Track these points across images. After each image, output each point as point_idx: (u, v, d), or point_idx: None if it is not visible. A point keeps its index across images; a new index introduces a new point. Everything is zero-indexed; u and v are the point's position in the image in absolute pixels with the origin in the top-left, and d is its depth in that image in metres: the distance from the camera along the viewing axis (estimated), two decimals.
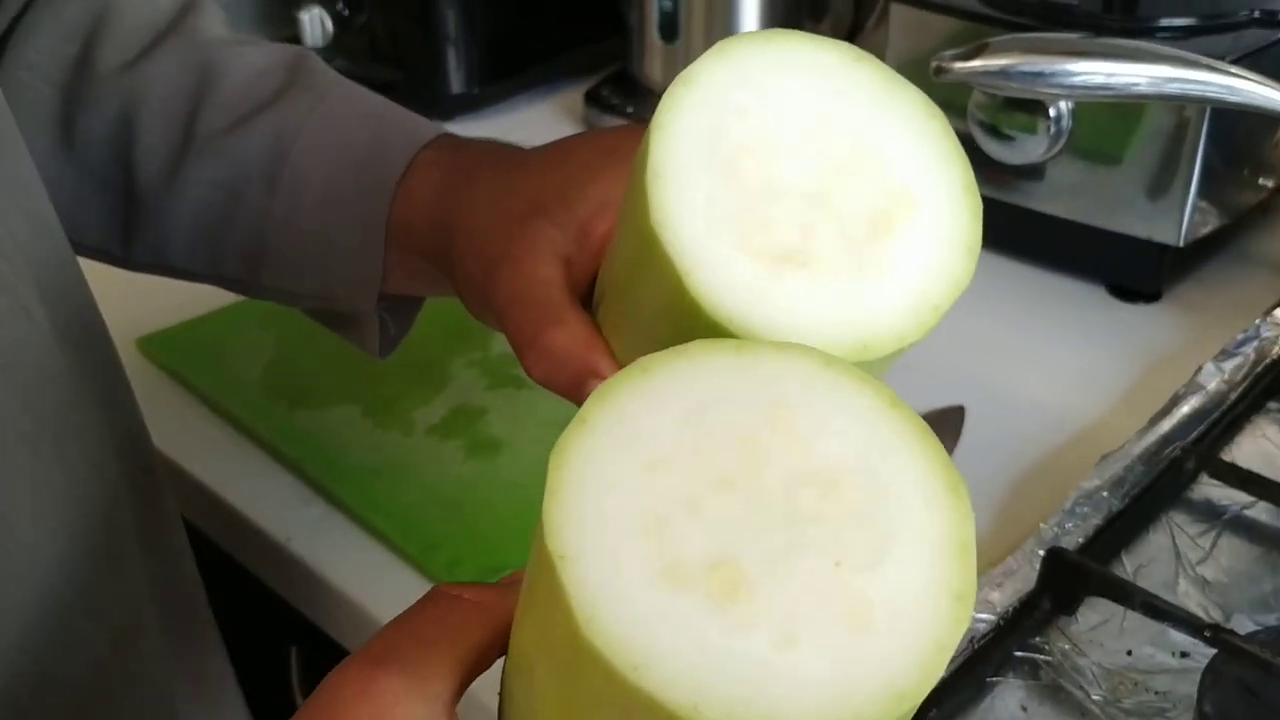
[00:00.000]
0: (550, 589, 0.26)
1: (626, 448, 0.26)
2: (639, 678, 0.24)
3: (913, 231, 0.32)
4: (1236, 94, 0.58)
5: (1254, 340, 0.74)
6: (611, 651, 0.25)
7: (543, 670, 0.29)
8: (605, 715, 0.27)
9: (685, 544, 0.26)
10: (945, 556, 0.26)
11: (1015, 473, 0.67)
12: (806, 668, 0.25)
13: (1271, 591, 0.59)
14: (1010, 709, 0.54)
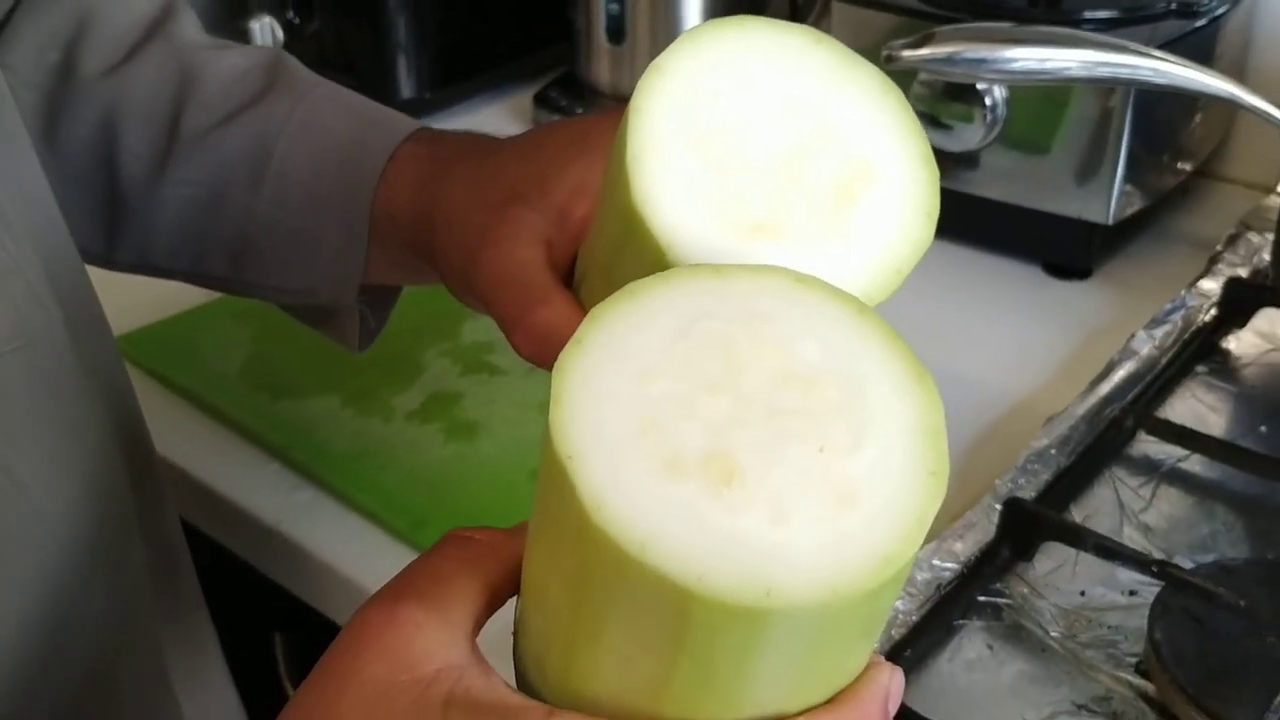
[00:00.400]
0: (560, 494, 0.28)
1: (620, 362, 0.28)
2: (645, 556, 0.26)
3: (875, 199, 0.34)
4: (1161, 75, 0.63)
5: (1181, 309, 0.79)
6: (619, 535, 0.26)
7: (555, 585, 0.31)
8: (616, 608, 0.29)
9: (681, 440, 0.28)
10: (918, 439, 0.28)
11: (969, 438, 0.72)
12: (800, 540, 0.27)
13: (1209, 534, 0.64)
14: (977, 648, 0.58)
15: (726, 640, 0.28)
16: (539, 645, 0.33)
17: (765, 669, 0.29)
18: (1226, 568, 0.59)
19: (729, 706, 0.30)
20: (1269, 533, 0.64)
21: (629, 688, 0.31)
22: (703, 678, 0.29)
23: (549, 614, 0.32)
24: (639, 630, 0.29)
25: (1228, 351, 0.77)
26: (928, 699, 0.55)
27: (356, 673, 0.33)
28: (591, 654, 0.31)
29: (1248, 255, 0.86)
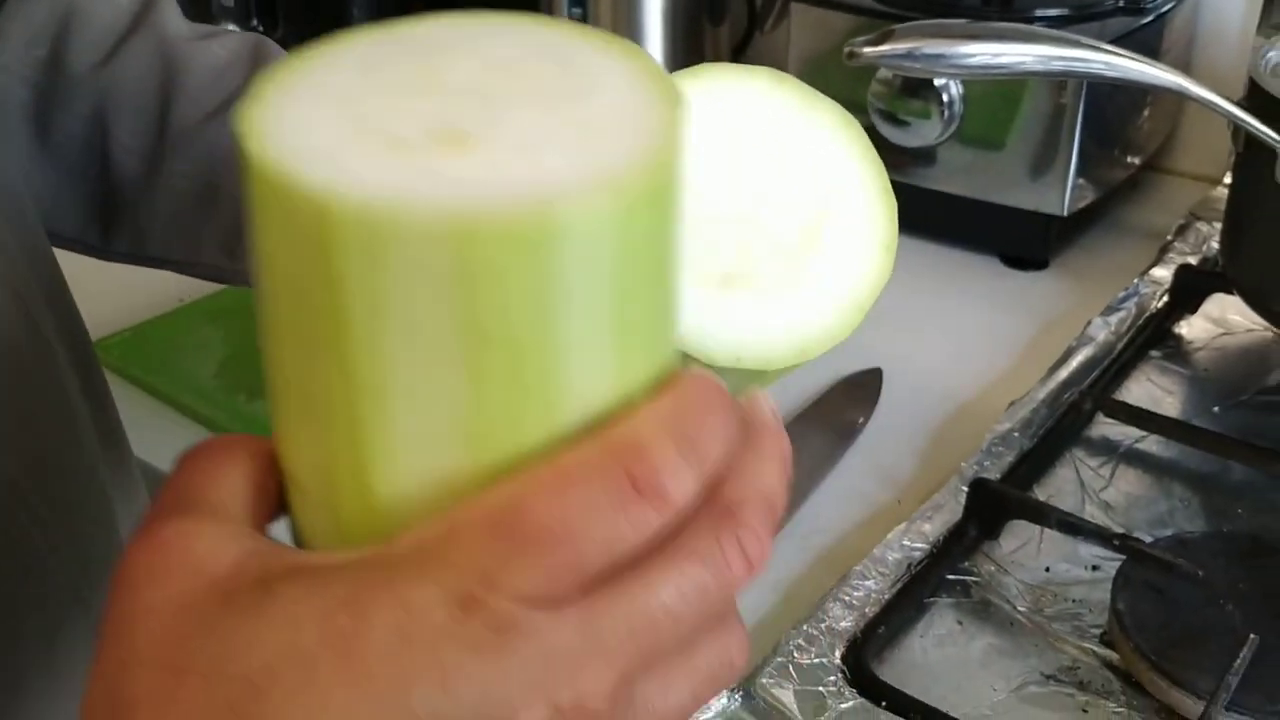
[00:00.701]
0: (287, 235, 0.26)
1: (318, 97, 0.27)
2: (411, 216, 0.24)
3: (837, 238, 0.35)
4: (1112, 69, 0.65)
5: (1134, 297, 0.82)
6: (366, 211, 0.24)
7: (318, 373, 0.27)
8: (394, 323, 0.26)
9: (401, 128, 0.26)
10: (641, 79, 0.28)
11: (933, 424, 0.74)
12: (557, 161, 0.26)
13: (1166, 510, 0.66)
14: (948, 624, 0.60)
15: (516, 289, 0.25)
16: (321, 493, 0.29)
17: (571, 327, 0.26)
18: (1184, 541, 0.61)
19: (550, 407, 0.27)
20: (1223, 508, 0.66)
21: (440, 457, 0.27)
22: (510, 368, 0.26)
23: (322, 425, 0.28)
24: (422, 338, 0.26)
25: (1180, 336, 0.80)
26: (901, 674, 0.56)
27: (143, 606, 0.28)
28: (383, 425, 0.27)
29: (1197, 244, 0.88)
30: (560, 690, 0.26)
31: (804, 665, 0.55)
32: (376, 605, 0.26)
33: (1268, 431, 0.71)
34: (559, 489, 0.26)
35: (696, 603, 0.28)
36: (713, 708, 0.54)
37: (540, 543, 0.26)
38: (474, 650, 0.26)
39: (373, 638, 0.26)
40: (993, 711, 0.55)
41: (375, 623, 0.26)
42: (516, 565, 0.26)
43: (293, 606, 0.26)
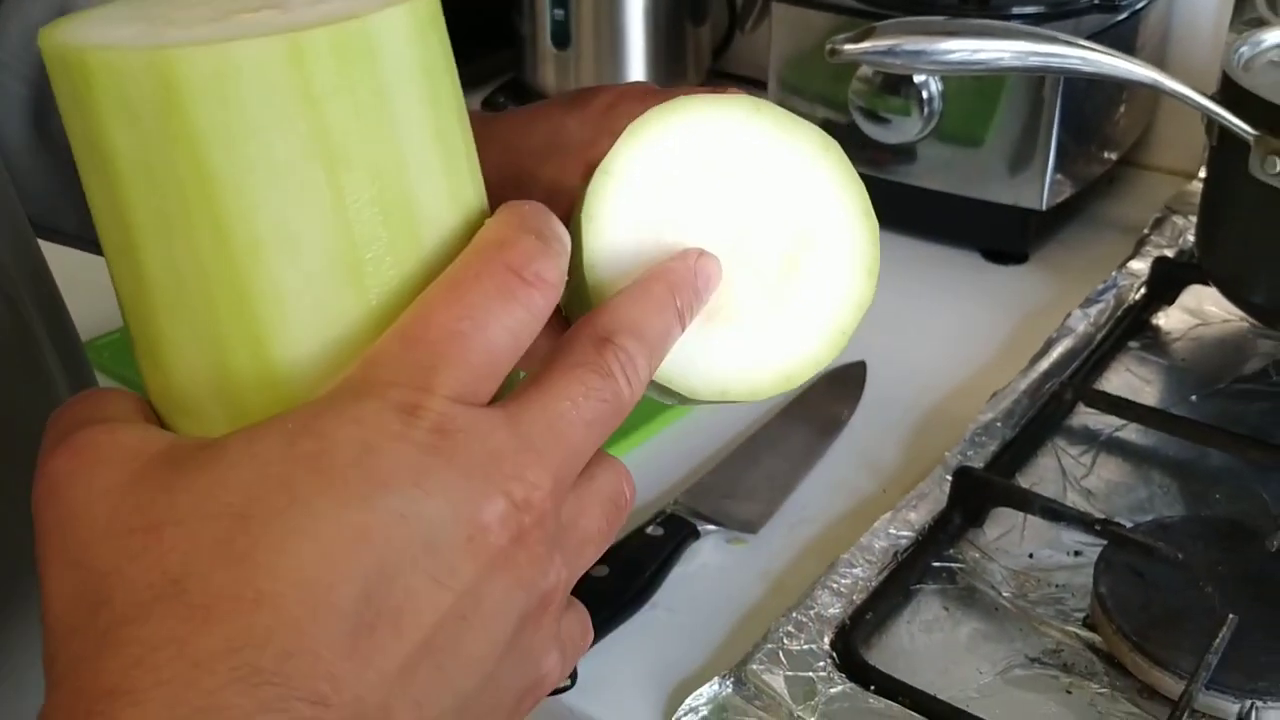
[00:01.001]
0: (123, 105, 0.27)
1: (110, 21, 0.30)
2: (240, 50, 0.27)
3: (819, 265, 0.36)
4: (1088, 64, 0.66)
5: (1113, 289, 0.83)
6: (205, 53, 0.27)
7: (176, 251, 0.29)
8: (225, 157, 0.28)
9: (206, 15, 0.29)
10: None
11: (917, 415, 0.75)
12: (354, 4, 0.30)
13: (1146, 496, 0.67)
14: (934, 610, 0.61)
15: (350, 99, 0.28)
16: (217, 397, 0.30)
17: (405, 136, 0.30)
18: (1164, 525, 0.62)
19: (412, 230, 0.30)
20: (1202, 493, 0.67)
21: (328, 300, 0.29)
22: (368, 190, 0.29)
23: (203, 314, 0.29)
24: (283, 175, 0.28)
25: (1158, 327, 0.81)
26: (889, 659, 0.57)
27: (88, 498, 0.28)
28: (267, 281, 0.28)
29: (1173, 237, 0.90)
30: (510, 484, 0.29)
31: (794, 651, 0.56)
32: (334, 424, 0.28)
33: (1244, 418, 0.72)
34: (455, 295, 0.30)
35: (597, 407, 0.31)
36: (704, 694, 0.55)
37: (454, 342, 0.29)
38: (431, 451, 0.28)
39: (338, 452, 0.27)
40: (979, 694, 0.56)
41: (338, 439, 0.28)
42: (441, 367, 0.29)
43: (251, 446, 0.28)
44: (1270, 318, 0.74)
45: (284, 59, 0.27)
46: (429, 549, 0.28)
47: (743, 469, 0.70)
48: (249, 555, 0.27)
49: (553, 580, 0.30)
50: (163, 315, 0.29)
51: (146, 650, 0.26)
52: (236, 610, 0.26)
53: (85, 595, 0.27)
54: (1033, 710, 0.55)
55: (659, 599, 0.61)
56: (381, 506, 0.27)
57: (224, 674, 0.25)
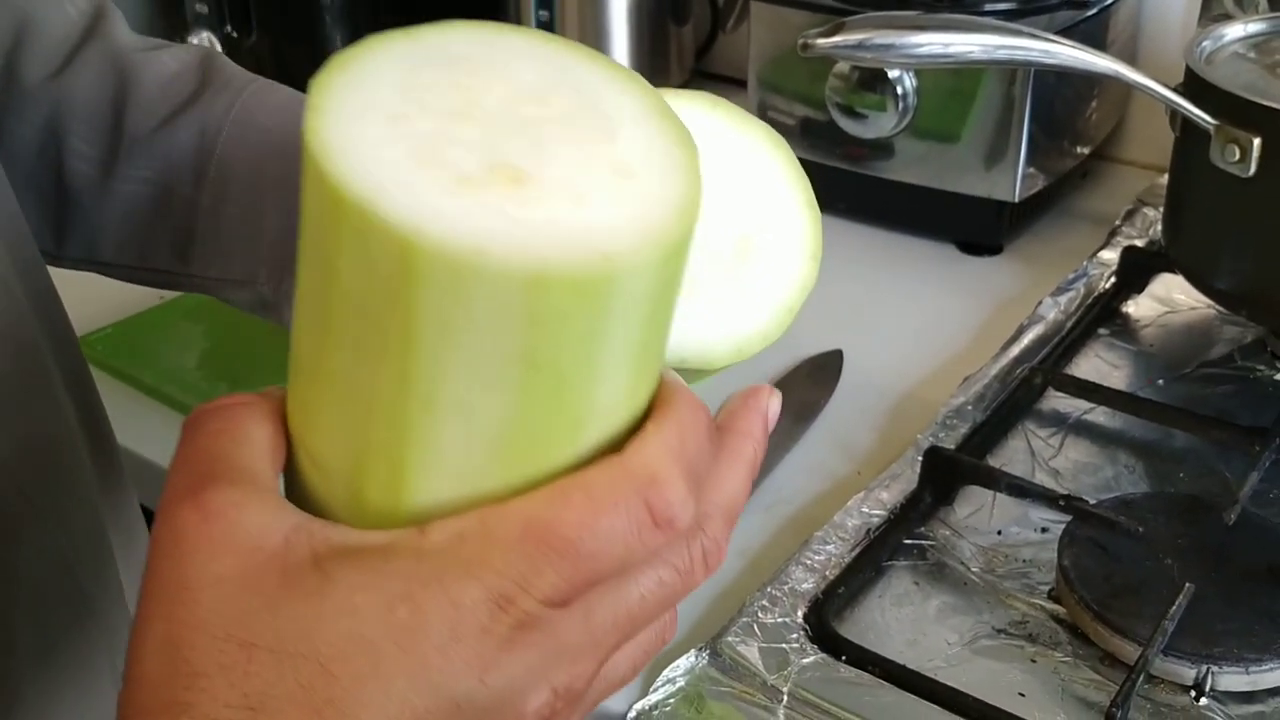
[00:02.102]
0: (365, 252, 0.28)
1: (367, 115, 0.29)
2: (486, 260, 0.27)
3: (769, 248, 0.39)
4: (1053, 57, 0.69)
5: (1083, 278, 0.85)
6: (454, 251, 0.27)
7: (369, 377, 0.30)
8: (456, 347, 0.29)
9: (459, 162, 0.28)
10: (655, 120, 0.31)
11: (891, 400, 0.77)
12: (607, 210, 0.29)
13: (1112, 476, 0.69)
14: (904, 585, 0.63)
15: (574, 329, 0.29)
16: (347, 475, 0.32)
17: (608, 358, 0.30)
18: (1127, 501, 0.64)
19: (577, 426, 0.31)
20: (1166, 473, 0.69)
21: (473, 462, 0.31)
22: (552, 392, 0.30)
23: (363, 420, 0.31)
24: (481, 362, 0.29)
25: (1127, 315, 0.84)
26: (860, 631, 0.59)
27: (201, 576, 0.30)
28: (428, 431, 0.30)
29: (1144, 228, 0.92)
30: (559, 676, 0.32)
31: (768, 624, 0.58)
32: (431, 603, 0.30)
33: (1209, 401, 0.74)
34: (591, 512, 0.31)
35: (665, 601, 0.33)
36: (680, 666, 0.56)
37: (569, 557, 0.30)
38: (506, 646, 0.30)
39: (429, 632, 0.30)
40: (946, 664, 0.57)
41: (431, 620, 0.30)
42: (547, 573, 0.30)
43: (352, 595, 0.30)
44: (1234, 303, 0.76)
45: (522, 286, 0.28)
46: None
47: None
48: (322, 709, 0.29)
49: None
50: (327, 397, 0.32)
51: None
52: None
53: (170, 683, 0.30)
54: (998, 678, 0.57)
55: None
56: (446, 695, 0.30)
57: None
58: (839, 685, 0.55)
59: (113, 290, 0.88)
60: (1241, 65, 0.75)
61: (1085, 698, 0.55)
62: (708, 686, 0.55)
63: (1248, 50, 0.76)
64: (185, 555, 0.30)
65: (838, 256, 0.92)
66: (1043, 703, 0.55)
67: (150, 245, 0.60)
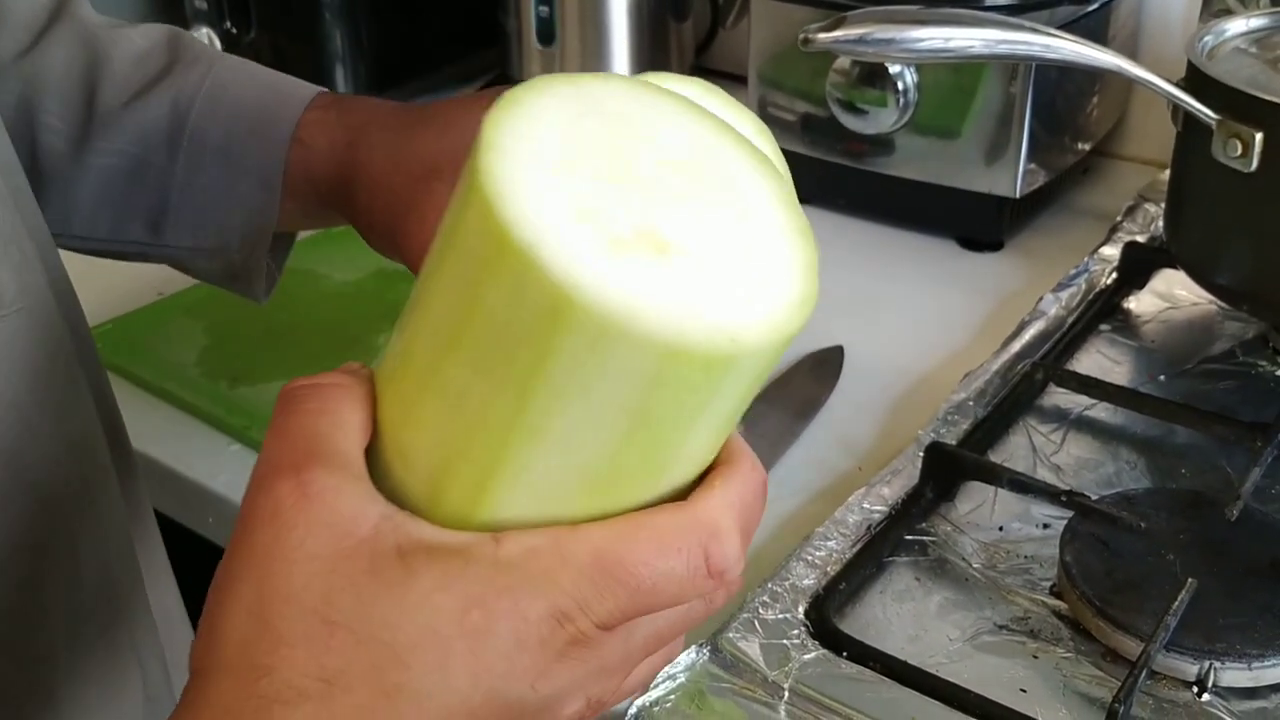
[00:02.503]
0: (519, 287, 0.30)
1: (536, 162, 0.31)
2: (632, 324, 0.29)
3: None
4: (1055, 52, 0.68)
5: (1084, 274, 0.85)
6: (603, 309, 0.29)
7: (485, 394, 0.32)
8: (582, 389, 0.31)
9: (614, 222, 0.31)
10: (782, 208, 0.33)
11: (893, 395, 0.77)
12: (738, 291, 0.31)
13: (1114, 472, 0.69)
14: (906, 581, 0.62)
15: (689, 396, 0.32)
16: (432, 472, 0.34)
17: (706, 421, 0.33)
18: (1128, 496, 0.64)
19: (659, 472, 0.34)
20: (1168, 468, 0.69)
21: (556, 487, 0.33)
22: (649, 442, 0.33)
23: (466, 429, 0.33)
24: (597, 407, 0.32)
25: (1128, 310, 0.83)
26: (861, 627, 0.59)
27: (296, 551, 0.32)
28: (528, 454, 0.33)
29: (1145, 224, 0.92)
30: (594, 688, 0.35)
31: (769, 620, 0.58)
32: (502, 611, 0.33)
33: (1210, 397, 0.74)
34: (656, 552, 0.34)
35: (690, 625, 0.38)
36: (681, 662, 0.56)
37: (629, 590, 0.33)
38: (558, 658, 0.33)
39: (497, 639, 0.32)
40: (948, 659, 0.57)
41: (500, 627, 0.32)
42: (607, 600, 0.33)
43: (432, 593, 0.32)
44: (1235, 298, 0.76)
45: (658, 354, 0.30)
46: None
47: None
48: (391, 693, 0.32)
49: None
50: (435, 401, 0.34)
51: None
52: None
53: (255, 646, 0.32)
54: (1000, 674, 0.56)
55: None
56: (500, 696, 0.33)
57: None
58: (840, 681, 0.55)
59: (112, 286, 0.89)
60: (1243, 60, 0.74)
61: (1087, 694, 0.55)
62: (709, 683, 0.55)
63: (1249, 45, 0.76)
64: (283, 529, 0.32)
65: (839, 252, 0.93)
66: (1044, 699, 0.55)
67: (123, 217, 0.62)
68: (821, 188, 0.97)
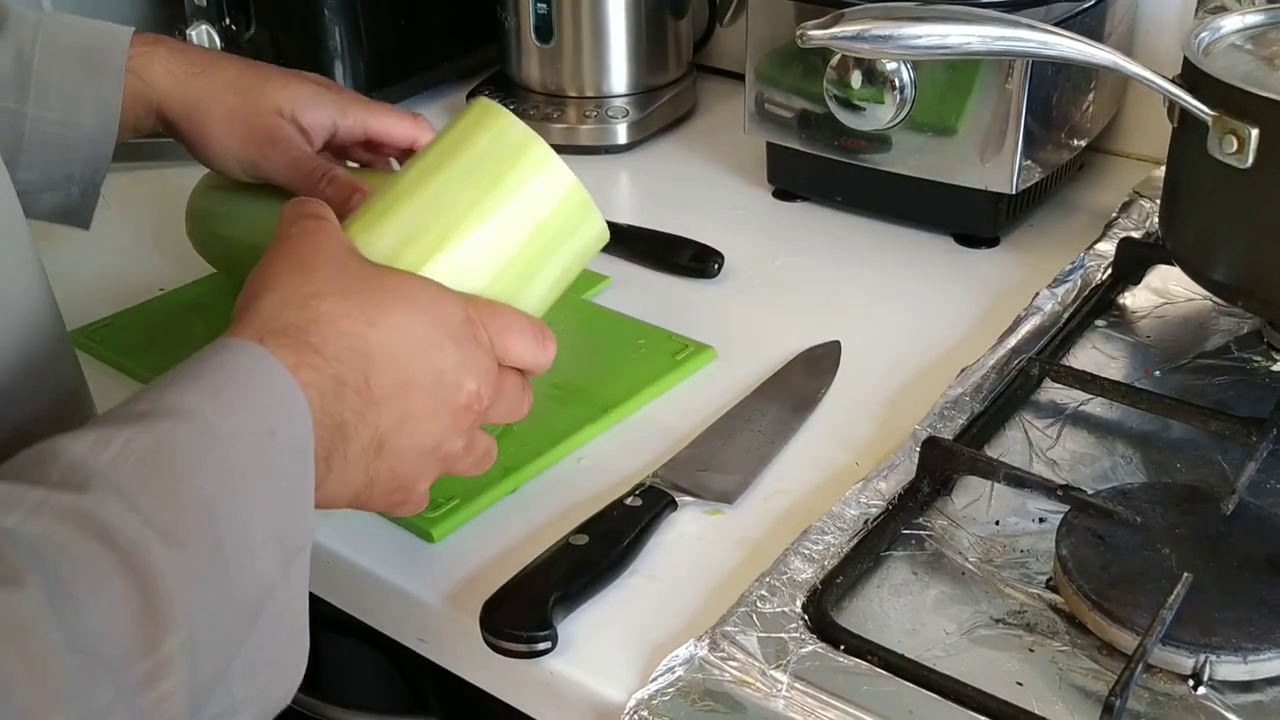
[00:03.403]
0: (506, 133, 0.60)
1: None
2: (559, 176, 0.60)
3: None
4: (1052, 48, 0.69)
5: (1080, 269, 0.85)
6: (548, 156, 0.60)
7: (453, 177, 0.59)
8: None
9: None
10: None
11: (889, 391, 0.77)
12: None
13: (1110, 466, 0.69)
14: (903, 575, 0.63)
15: (564, 224, 0.60)
16: (390, 248, 0.57)
17: (558, 260, 0.61)
18: (1124, 491, 0.64)
19: (527, 281, 0.60)
20: (1162, 463, 0.69)
21: (477, 263, 0.58)
22: (538, 253, 0.60)
23: (431, 218, 0.58)
24: (521, 215, 0.59)
25: (1124, 306, 0.84)
26: (858, 621, 0.59)
27: (324, 258, 0.53)
28: (468, 236, 0.58)
29: (1140, 220, 0.92)
30: (482, 383, 0.56)
31: (767, 614, 0.58)
32: (437, 304, 0.55)
33: (1206, 392, 0.75)
34: (526, 327, 0.58)
35: (514, 398, 0.59)
36: (679, 656, 0.57)
37: (505, 325, 0.57)
38: (471, 342, 0.55)
39: (449, 321, 0.55)
40: (944, 653, 0.58)
41: (452, 320, 0.55)
42: (492, 325, 0.57)
43: (416, 292, 0.55)
44: (1230, 293, 0.76)
45: (564, 188, 0.60)
46: (441, 374, 0.54)
47: (719, 444, 0.72)
48: (372, 319, 0.52)
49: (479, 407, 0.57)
50: (404, 202, 0.58)
51: (325, 319, 0.51)
52: (355, 332, 0.52)
53: (303, 286, 0.52)
54: (996, 667, 0.57)
55: (638, 567, 0.63)
56: (435, 345, 0.54)
57: (333, 342, 0.51)
58: (838, 674, 0.55)
59: (112, 282, 0.89)
60: (1239, 57, 0.75)
61: (1083, 687, 0.56)
62: (706, 676, 0.56)
63: (1245, 42, 0.77)
64: (314, 233, 0.54)
65: (835, 248, 0.93)
66: (1040, 692, 0.55)
67: None
68: (818, 184, 0.97)
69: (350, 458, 0.51)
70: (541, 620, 0.58)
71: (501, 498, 0.68)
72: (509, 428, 0.72)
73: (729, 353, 0.80)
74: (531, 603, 0.58)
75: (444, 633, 0.63)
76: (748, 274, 0.90)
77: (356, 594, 0.66)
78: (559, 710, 0.59)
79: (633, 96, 1.13)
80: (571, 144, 1.10)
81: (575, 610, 0.60)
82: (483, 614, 0.58)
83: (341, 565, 0.66)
